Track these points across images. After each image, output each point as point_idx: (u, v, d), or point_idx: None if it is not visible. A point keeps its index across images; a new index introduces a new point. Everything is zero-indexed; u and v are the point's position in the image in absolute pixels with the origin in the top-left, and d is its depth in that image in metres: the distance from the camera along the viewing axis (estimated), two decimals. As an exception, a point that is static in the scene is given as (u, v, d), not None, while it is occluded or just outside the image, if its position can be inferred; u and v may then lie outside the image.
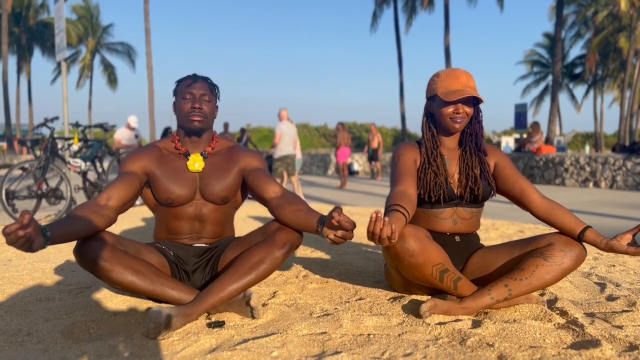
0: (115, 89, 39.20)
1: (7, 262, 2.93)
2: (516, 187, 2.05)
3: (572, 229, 1.90)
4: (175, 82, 2.13)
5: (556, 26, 18.43)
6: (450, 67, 13.93)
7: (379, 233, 1.57)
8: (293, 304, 2.04)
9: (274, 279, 2.50)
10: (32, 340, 1.65)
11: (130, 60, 38.43)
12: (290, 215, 1.92)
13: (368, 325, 1.76)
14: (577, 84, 37.82)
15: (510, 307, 1.96)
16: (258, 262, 1.86)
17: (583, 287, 2.34)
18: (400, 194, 1.89)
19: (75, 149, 6.04)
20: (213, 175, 2.10)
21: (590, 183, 10.63)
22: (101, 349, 1.56)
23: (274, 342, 1.58)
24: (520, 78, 39.94)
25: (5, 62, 24.65)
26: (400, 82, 25.97)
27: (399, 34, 25.78)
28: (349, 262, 2.90)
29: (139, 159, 2.07)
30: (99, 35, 38.03)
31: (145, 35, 22.83)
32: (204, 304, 1.79)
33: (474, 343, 1.58)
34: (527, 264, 1.87)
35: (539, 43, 39.08)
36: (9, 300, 2.12)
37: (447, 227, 2.06)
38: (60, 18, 6.45)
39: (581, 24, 33.19)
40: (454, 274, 1.87)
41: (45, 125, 5.54)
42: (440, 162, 2.05)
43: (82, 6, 37.17)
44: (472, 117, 2.09)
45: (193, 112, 2.04)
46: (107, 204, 1.89)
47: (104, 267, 1.74)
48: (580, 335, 1.64)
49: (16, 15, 31.30)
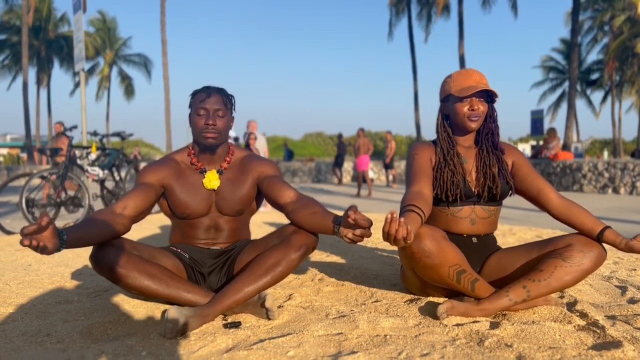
0: (132, 99, 39.73)
1: (27, 266, 2.98)
2: (534, 186, 2.03)
3: (591, 229, 1.87)
4: (190, 95, 2.10)
5: (572, 31, 18.27)
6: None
7: (394, 234, 1.56)
8: (309, 306, 2.04)
9: (290, 282, 2.50)
10: (51, 341, 1.67)
11: (147, 71, 38.97)
12: (306, 218, 1.92)
13: (384, 327, 1.75)
14: (594, 90, 37.37)
15: (529, 309, 1.93)
16: (274, 264, 1.86)
17: (603, 290, 2.30)
18: (415, 194, 1.89)
19: (93, 157, 6.12)
20: (229, 190, 2.11)
21: (609, 189, 10.47)
22: (119, 348, 1.57)
23: (290, 342, 1.58)
24: (536, 84, 39.58)
25: (25, 75, 25.14)
26: (414, 90, 25.95)
27: (413, 42, 25.80)
28: (364, 266, 2.89)
29: (156, 171, 2.08)
30: (117, 47, 38.64)
31: (162, 47, 23.13)
32: (220, 305, 1.79)
33: (492, 344, 1.56)
34: (545, 265, 1.84)
35: (555, 48, 38.77)
36: (28, 302, 2.15)
37: (465, 227, 2.04)
38: (80, 29, 6.57)
39: (598, 29, 32.87)
40: (471, 275, 1.85)
41: (64, 134, 5.63)
42: (457, 160, 2.04)
43: (99, 19, 37.84)
44: (487, 116, 2.08)
45: (207, 129, 2.02)
46: (123, 212, 1.90)
47: (120, 272, 1.76)
48: (602, 337, 1.62)
49: (36, 29, 31.91)
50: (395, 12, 26.73)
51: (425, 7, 26.25)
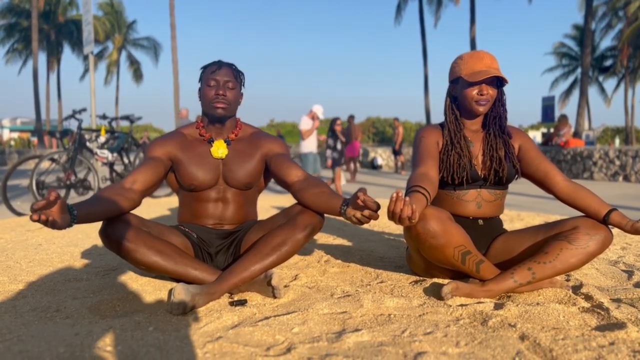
0: (140, 83, 39.79)
1: (37, 246, 3.02)
2: (540, 169, 2.02)
3: (597, 211, 1.86)
4: (200, 69, 2.14)
5: (586, 17, 18.01)
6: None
7: (399, 213, 1.57)
8: (314, 286, 2.06)
9: (296, 263, 2.51)
10: (60, 316, 1.70)
11: (155, 55, 38.93)
12: (312, 197, 1.93)
13: (389, 306, 1.76)
14: (607, 77, 36.88)
15: (534, 291, 1.94)
16: (280, 243, 1.87)
17: (610, 274, 2.29)
18: (421, 175, 1.89)
19: (102, 140, 6.16)
20: (236, 161, 2.12)
21: (619, 177, 10.38)
22: (126, 324, 1.59)
23: (295, 320, 1.60)
24: (548, 70, 39.11)
25: (35, 59, 25.20)
26: (424, 75, 25.74)
27: (424, 26, 25.54)
28: (370, 249, 2.90)
29: (163, 144, 2.11)
30: (125, 31, 38.60)
31: (171, 30, 23.06)
32: (227, 283, 1.81)
33: (496, 324, 1.57)
34: (551, 248, 1.84)
35: (568, 34, 38.20)
36: (38, 280, 2.18)
37: (471, 210, 2.04)
38: (88, 11, 6.57)
39: (612, 15, 32.33)
40: (476, 256, 1.86)
41: (73, 117, 5.66)
42: (463, 143, 2.03)
43: (107, 3, 37.76)
44: (495, 100, 2.07)
45: (217, 99, 2.05)
46: (132, 187, 1.93)
47: (129, 247, 1.78)
48: (605, 319, 1.62)
49: (46, 13, 31.94)
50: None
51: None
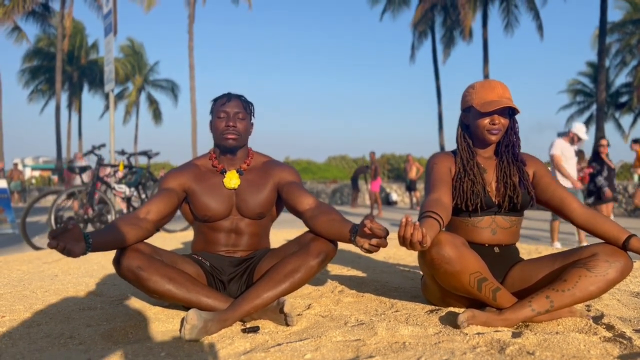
0: (159, 123, 40.54)
1: (53, 277, 3.04)
2: (556, 195, 2.00)
3: (616, 237, 1.83)
4: (210, 101, 2.19)
5: (599, 54, 18.08)
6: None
7: (409, 237, 1.56)
8: (328, 314, 2.03)
9: (309, 293, 2.49)
10: (73, 342, 1.70)
11: (174, 95, 39.79)
12: (324, 225, 1.93)
13: (404, 334, 1.73)
14: (623, 113, 36.69)
15: (553, 320, 1.89)
16: (293, 270, 1.87)
17: (632, 305, 2.23)
18: (434, 201, 1.88)
19: (120, 175, 6.26)
20: (249, 191, 2.14)
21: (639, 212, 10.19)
22: (138, 350, 1.59)
23: (307, 346, 1.58)
24: (563, 108, 39.07)
25: (58, 99, 25.95)
26: (439, 113, 25.88)
27: (437, 65, 25.83)
28: (385, 280, 2.87)
29: (177, 176, 2.15)
30: (146, 72, 39.65)
31: (190, 71, 23.69)
32: (240, 310, 1.80)
33: (514, 351, 1.52)
34: (569, 275, 1.81)
35: (583, 72, 38.27)
36: (53, 309, 2.19)
37: (486, 237, 2.02)
38: (110, 51, 6.79)
39: (626, 52, 32.43)
40: (493, 283, 1.82)
41: (92, 152, 5.79)
42: (476, 170, 2.03)
43: (129, 46, 38.95)
44: (507, 129, 2.07)
45: (227, 131, 2.09)
46: (146, 217, 1.96)
47: (142, 276, 1.79)
48: (628, 348, 1.57)
49: (69, 55, 33.01)
50: (418, 34, 26.77)
51: (448, 31, 26.23)
